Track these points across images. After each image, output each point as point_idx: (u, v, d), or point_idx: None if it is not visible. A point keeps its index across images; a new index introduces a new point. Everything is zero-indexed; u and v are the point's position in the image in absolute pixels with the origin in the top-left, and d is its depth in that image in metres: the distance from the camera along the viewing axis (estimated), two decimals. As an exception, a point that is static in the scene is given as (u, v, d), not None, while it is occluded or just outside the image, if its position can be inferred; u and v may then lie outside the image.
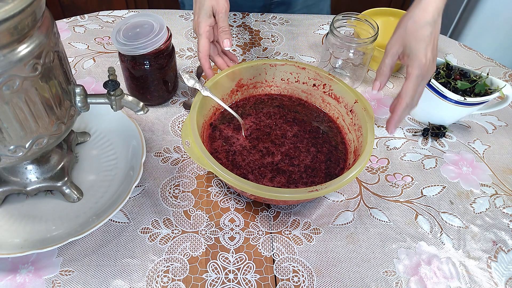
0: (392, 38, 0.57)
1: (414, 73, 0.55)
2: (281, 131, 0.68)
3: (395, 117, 0.58)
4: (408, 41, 0.55)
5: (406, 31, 0.55)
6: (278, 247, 0.58)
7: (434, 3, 0.54)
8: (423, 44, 0.54)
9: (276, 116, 0.70)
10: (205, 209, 0.62)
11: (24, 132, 0.47)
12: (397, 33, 0.56)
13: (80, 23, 0.94)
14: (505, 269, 0.58)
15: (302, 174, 0.62)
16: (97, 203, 0.59)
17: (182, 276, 0.54)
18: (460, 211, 0.65)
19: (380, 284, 0.55)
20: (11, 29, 0.39)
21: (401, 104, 0.57)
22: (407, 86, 0.56)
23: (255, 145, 0.65)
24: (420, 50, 0.54)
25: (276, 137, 0.66)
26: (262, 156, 0.64)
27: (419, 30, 0.54)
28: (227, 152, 0.64)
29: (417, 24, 0.54)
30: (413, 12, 0.55)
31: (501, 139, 0.77)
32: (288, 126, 0.68)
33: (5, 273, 0.53)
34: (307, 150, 0.65)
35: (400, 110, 0.57)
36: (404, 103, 0.56)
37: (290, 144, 0.66)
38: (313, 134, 0.67)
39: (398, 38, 0.56)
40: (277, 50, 0.92)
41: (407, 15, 0.56)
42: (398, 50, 0.56)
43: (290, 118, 0.70)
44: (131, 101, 0.55)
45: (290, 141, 0.66)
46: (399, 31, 0.56)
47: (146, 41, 0.64)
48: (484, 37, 1.55)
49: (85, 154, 0.66)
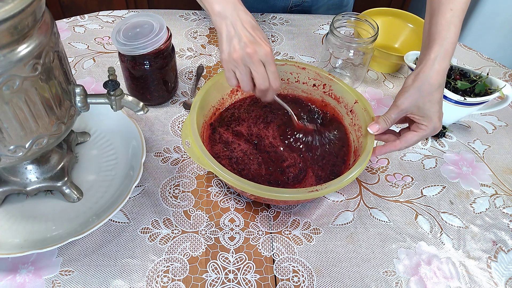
0: (403, 95, 0.56)
1: (425, 132, 0.57)
2: (280, 131, 0.67)
3: (383, 151, 0.59)
4: (422, 103, 0.55)
5: (421, 93, 0.54)
6: (278, 247, 0.58)
7: (445, 65, 0.55)
8: (438, 107, 0.55)
9: (275, 116, 0.70)
10: (205, 209, 0.62)
11: (24, 132, 0.47)
12: (410, 92, 0.55)
13: (80, 23, 0.94)
14: (505, 269, 0.58)
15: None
16: (97, 203, 0.59)
17: (182, 276, 0.54)
18: (460, 211, 0.65)
19: (380, 284, 0.55)
20: (11, 29, 0.39)
21: (397, 147, 0.58)
22: (412, 138, 0.57)
23: (255, 145, 0.65)
24: (435, 113, 0.55)
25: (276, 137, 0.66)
26: (262, 156, 0.64)
27: (434, 93, 0.54)
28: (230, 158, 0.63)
29: (432, 87, 0.54)
30: (428, 74, 0.54)
31: (501, 139, 0.77)
32: (287, 126, 0.68)
33: (5, 273, 0.53)
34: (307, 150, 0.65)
35: (392, 150, 0.59)
36: (399, 148, 0.58)
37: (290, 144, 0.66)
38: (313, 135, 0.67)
39: (411, 97, 0.55)
40: (277, 50, 0.92)
41: (421, 76, 0.55)
42: (409, 108, 0.56)
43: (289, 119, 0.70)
44: (131, 101, 0.55)
45: (290, 142, 0.66)
46: (413, 91, 0.55)
47: (146, 41, 0.64)
48: (484, 37, 1.55)
49: (85, 154, 0.66)
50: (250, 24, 0.54)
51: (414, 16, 0.89)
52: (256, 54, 0.53)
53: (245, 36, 0.53)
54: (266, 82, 0.55)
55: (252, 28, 0.54)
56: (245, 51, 0.53)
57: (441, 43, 0.54)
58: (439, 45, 0.55)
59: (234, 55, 0.53)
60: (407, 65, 0.75)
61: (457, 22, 0.55)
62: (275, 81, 0.56)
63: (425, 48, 0.57)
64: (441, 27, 0.55)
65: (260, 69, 0.54)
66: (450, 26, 0.55)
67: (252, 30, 0.54)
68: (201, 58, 0.88)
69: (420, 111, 0.56)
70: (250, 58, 0.53)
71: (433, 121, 0.56)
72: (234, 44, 0.53)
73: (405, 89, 0.56)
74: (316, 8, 1.04)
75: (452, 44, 0.55)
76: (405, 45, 0.90)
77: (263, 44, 0.53)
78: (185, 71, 0.85)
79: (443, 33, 0.55)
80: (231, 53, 0.54)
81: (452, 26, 0.55)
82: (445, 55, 0.54)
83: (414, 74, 0.56)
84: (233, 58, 0.54)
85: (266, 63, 0.54)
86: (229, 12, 0.54)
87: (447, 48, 0.54)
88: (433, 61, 0.54)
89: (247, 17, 0.55)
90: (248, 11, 0.56)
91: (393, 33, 0.91)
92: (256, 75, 0.55)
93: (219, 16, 0.55)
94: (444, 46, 0.54)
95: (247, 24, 0.54)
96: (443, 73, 0.55)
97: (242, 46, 0.53)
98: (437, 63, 0.54)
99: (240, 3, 0.56)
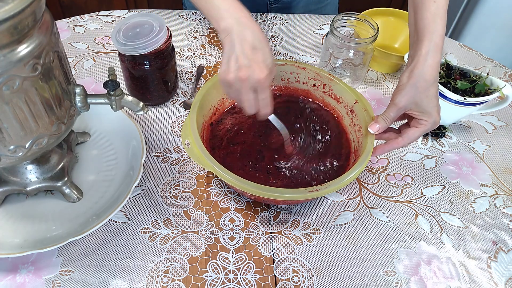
0: (400, 93, 0.56)
1: (426, 127, 0.57)
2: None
3: (385, 149, 0.59)
4: (420, 99, 0.55)
5: (417, 89, 0.54)
6: (278, 247, 0.58)
7: (437, 59, 0.54)
8: (435, 101, 0.56)
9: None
10: (205, 209, 0.62)
11: (24, 132, 0.47)
12: (406, 90, 0.55)
13: (80, 23, 0.94)
14: (505, 269, 0.58)
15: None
16: (97, 203, 0.59)
17: (182, 276, 0.54)
18: (460, 211, 0.65)
19: (380, 284, 0.55)
20: (11, 29, 0.39)
21: (399, 144, 0.58)
22: (414, 134, 0.57)
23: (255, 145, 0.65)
24: (434, 107, 0.55)
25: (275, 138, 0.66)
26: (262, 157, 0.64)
27: (430, 89, 0.55)
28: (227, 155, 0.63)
29: (427, 83, 0.54)
30: (422, 70, 0.54)
31: (501, 139, 0.77)
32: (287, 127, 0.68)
33: (5, 273, 0.53)
34: (307, 149, 0.65)
35: (394, 148, 0.59)
36: (402, 145, 0.58)
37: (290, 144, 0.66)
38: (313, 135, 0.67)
39: (408, 94, 0.55)
40: (277, 50, 0.92)
41: (415, 73, 0.55)
42: (407, 106, 0.56)
43: (289, 119, 0.70)
44: (131, 101, 0.55)
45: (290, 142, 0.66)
46: (409, 88, 0.55)
47: (146, 41, 0.64)
48: (484, 37, 1.55)
49: (85, 154, 0.66)
50: (251, 44, 0.52)
51: (414, 16, 0.89)
52: (247, 81, 0.51)
53: (242, 58, 0.51)
54: (253, 109, 0.55)
55: (252, 49, 0.52)
56: (238, 75, 0.51)
57: (430, 38, 0.54)
58: (429, 40, 0.54)
59: (228, 76, 0.52)
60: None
61: (442, 13, 0.55)
62: (265, 108, 0.55)
63: (414, 44, 0.57)
64: (427, 21, 0.55)
65: (248, 96, 0.53)
66: (436, 19, 0.54)
67: (251, 52, 0.51)
68: (201, 58, 0.88)
69: (418, 107, 0.55)
70: (241, 83, 0.52)
71: (432, 115, 0.56)
72: (230, 65, 0.52)
73: (401, 87, 0.56)
74: (296, 3, 1.02)
75: (441, 37, 0.55)
76: (405, 45, 0.90)
77: (257, 70, 0.51)
78: (185, 71, 0.85)
79: (431, 26, 0.54)
80: (226, 73, 0.52)
81: (438, 19, 0.54)
82: (436, 49, 0.54)
83: (408, 71, 0.56)
84: (226, 79, 0.53)
85: (258, 90, 0.53)
86: (234, 28, 0.52)
87: (437, 41, 0.54)
88: (425, 57, 0.54)
89: (251, 35, 0.52)
90: (255, 26, 0.53)
91: (393, 33, 0.91)
92: (244, 102, 0.54)
93: (224, 32, 0.53)
94: (434, 40, 0.54)
95: (247, 44, 0.51)
96: (436, 67, 0.54)
97: (237, 68, 0.51)
98: (429, 58, 0.54)
99: (247, 17, 0.53)
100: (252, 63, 0.51)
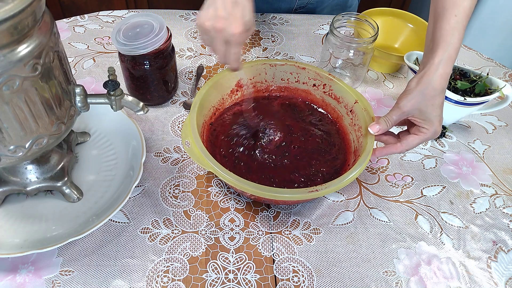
0: (406, 97, 0.56)
1: (426, 136, 0.57)
2: (281, 131, 0.67)
3: (383, 153, 0.59)
4: (425, 106, 0.55)
5: (424, 96, 0.55)
6: (278, 247, 0.58)
7: (448, 70, 0.55)
8: (439, 111, 0.56)
9: (275, 116, 0.70)
10: (205, 209, 0.62)
11: (24, 132, 0.47)
12: (413, 95, 0.55)
13: (80, 23, 0.94)
14: (505, 269, 0.58)
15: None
16: (97, 203, 0.59)
17: (182, 276, 0.54)
18: (460, 211, 0.65)
19: (380, 284, 0.55)
20: (11, 29, 0.39)
21: (398, 150, 0.58)
22: (413, 141, 0.57)
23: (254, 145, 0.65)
24: (437, 117, 0.56)
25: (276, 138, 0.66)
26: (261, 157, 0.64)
27: (437, 98, 0.55)
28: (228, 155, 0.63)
29: (435, 91, 0.55)
30: (432, 78, 0.54)
31: (501, 139, 0.77)
32: (287, 126, 0.68)
33: (5, 273, 0.53)
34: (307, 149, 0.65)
35: (392, 152, 0.59)
36: (400, 151, 0.58)
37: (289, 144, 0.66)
38: (313, 135, 0.67)
39: (414, 100, 0.55)
40: (277, 50, 0.92)
41: (424, 80, 0.55)
42: (411, 111, 0.56)
43: (290, 119, 0.70)
44: (131, 101, 0.55)
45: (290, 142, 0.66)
46: (416, 94, 0.55)
47: (146, 41, 0.64)
48: (484, 37, 1.55)
49: (85, 154, 0.66)
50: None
51: (414, 16, 0.89)
52: (221, 33, 0.52)
53: (221, 10, 0.52)
54: (222, 60, 0.55)
55: (233, 3, 0.51)
56: (214, 24, 0.52)
57: (445, 48, 0.55)
58: (443, 50, 0.55)
59: (205, 23, 0.52)
60: (407, 65, 0.75)
61: (461, 28, 0.55)
62: (234, 63, 0.56)
63: (428, 52, 0.57)
64: (445, 32, 0.55)
65: (220, 47, 0.53)
66: (454, 32, 0.55)
67: (232, 5, 0.51)
68: (201, 58, 0.88)
69: (422, 114, 0.56)
70: (215, 33, 0.52)
71: (434, 125, 0.56)
72: (209, 12, 0.52)
73: (408, 92, 0.56)
74: (321, 9, 1.04)
75: (456, 50, 0.55)
76: (405, 45, 0.90)
77: (234, 24, 0.51)
78: (185, 71, 0.85)
79: (447, 38, 0.55)
80: (203, 20, 0.53)
81: (456, 32, 0.55)
82: (448, 60, 0.55)
83: (417, 77, 0.56)
84: (203, 26, 0.53)
85: (231, 44, 0.53)
86: None
87: (451, 53, 0.55)
88: (437, 66, 0.55)
89: None
90: None
91: (393, 33, 0.91)
92: (216, 51, 0.54)
93: None
94: (448, 51, 0.55)
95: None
96: (446, 77, 0.55)
97: (215, 17, 0.52)
98: (441, 68, 0.55)
99: None
100: (230, 16, 0.51)
